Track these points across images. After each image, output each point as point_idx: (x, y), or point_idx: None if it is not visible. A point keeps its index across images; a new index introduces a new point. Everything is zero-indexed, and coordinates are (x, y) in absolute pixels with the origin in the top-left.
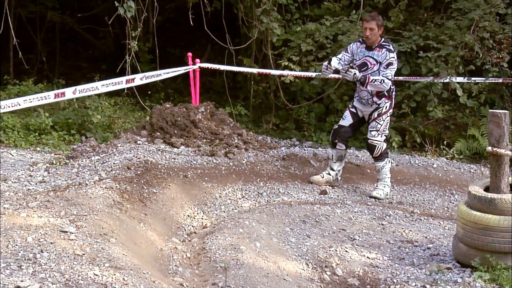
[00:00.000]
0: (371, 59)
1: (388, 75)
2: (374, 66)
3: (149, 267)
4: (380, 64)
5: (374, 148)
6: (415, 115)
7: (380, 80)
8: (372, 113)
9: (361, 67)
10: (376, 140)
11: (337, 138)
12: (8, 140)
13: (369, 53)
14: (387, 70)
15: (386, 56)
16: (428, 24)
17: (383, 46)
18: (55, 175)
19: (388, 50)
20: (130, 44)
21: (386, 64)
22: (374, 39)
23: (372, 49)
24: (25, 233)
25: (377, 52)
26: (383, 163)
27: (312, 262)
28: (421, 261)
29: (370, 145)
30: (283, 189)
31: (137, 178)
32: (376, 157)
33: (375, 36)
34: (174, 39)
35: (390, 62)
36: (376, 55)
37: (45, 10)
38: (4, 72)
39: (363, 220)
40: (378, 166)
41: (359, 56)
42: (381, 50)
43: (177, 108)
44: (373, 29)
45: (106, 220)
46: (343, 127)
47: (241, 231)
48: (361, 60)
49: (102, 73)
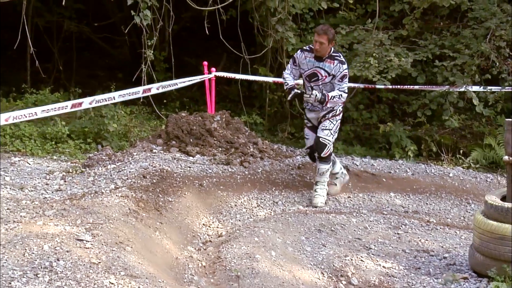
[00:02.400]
0: (322, 71)
1: (345, 89)
2: (325, 78)
3: (165, 276)
4: (333, 76)
5: (325, 147)
6: (431, 124)
7: (338, 95)
8: (325, 115)
9: (311, 78)
10: (328, 140)
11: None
12: (25, 148)
13: (319, 63)
14: (342, 83)
15: (339, 69)
16: (444, 33)
17: (334, 57)
18: (71, 184)
19: (340, 62)
20: (146, 53)
21: (341, 77)
22: (324, 53)
23: (322, 60)
24: (41, 241)
25: (328, 64)
26: (327, 167)
27: (327, 271)
28: (437, 270)
29: (321, 143)
30: (299, 198)
31: (153, 187)
32: (323, 158)
33: (325, 50)
34: (189, 48)
35: (345, 75)
36: (327, 67)
37: (62, 19)
38: (22, 81)
39: (378, 229)
40: (322, 168)
41: (308, 66)
42: (332, 62)
43: (192, 117)
44: (323, 43)
45: (122, 228)
46: (312, 147)
47: (256, 240)
48: (310, 71)
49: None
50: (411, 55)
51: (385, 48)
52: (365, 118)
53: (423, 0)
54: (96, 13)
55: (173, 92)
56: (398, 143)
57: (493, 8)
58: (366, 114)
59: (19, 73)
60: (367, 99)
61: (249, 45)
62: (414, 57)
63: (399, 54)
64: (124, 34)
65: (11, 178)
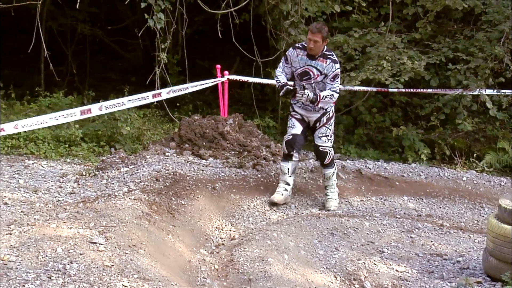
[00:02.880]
0: (314, 69)
1: (336, 88)
2: (317, 76)
3: (177, 279)
4: (325, 76)
5: (326, 154)
6: (444, 128)
7: (330, 95)
8: (320, 119)
9: (302, 76)
10: (328, 147)
11: (294, 148)
12: (38, 151)
13: (311, 62)
14: (334, 83)
15: (331, 68)
16: (458, 36)
17: (327, 56)
18: (84, 187)
19: (333, 61)
20: (159, 56)
21: (333, 77)
22: (317, 51)
23: (315, 58)
24: (55, 244)
25: (320, 63)
26: (332, 170)
27: (340, 275)
28: (450, 274)
29: (322, 152)
30: (311, 201)
31: (166, 190)
32: (326, 164)
33: (319, 48)
34: (203, 51)
35: (337, 74)
36: (320, 66)
37: (76, 22)
38: (35, 84)
39: (391, 232)
40: (327, 173)
41: (300, 64)
42: (325, 60)
43: (205, 120)
44: (317, 41)
45: (135, 231)
46: (297, 135)
47: (269, 243)
48: (302, 69)
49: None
50: (424, 58)
51: (398, 51)
52: (378, 122)
53: (436, 3)
54: (109, 16)
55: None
56: (411, 147)
57: (507, 11)
58: (379, 118)
59: (32, 76)
60: (380, 102)
61: (262, 48)
62: (427, 60)
63: (412, 57)
64: (138, 37)
65: (25, 181)
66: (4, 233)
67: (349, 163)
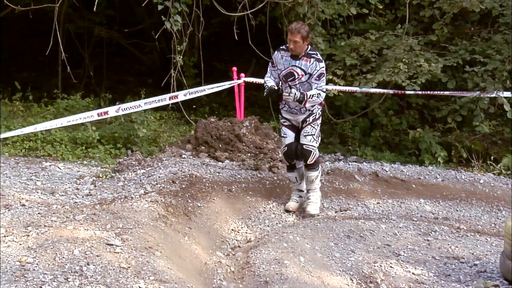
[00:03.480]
0: (298, 69)
1: (323, 87)
2: (302, 76)
3: (194, 281)
4: (310, 75)
5: (310, 153)
6: (461, 130)
7: (316, 94)
8: (305, 119)
9: (287, 77)
10: (312, 146)
11: (293, 158)
12: (55, 153)
13: (295, 62)
14: (320, 81)
15: (316, 67)
16: (475, 38)
17: (310, 55)
18: (101, 189)
19: (317, 60)
20: (176, 58)
21: (318, 76)
22: (299, 51)
23: (298, 58)
24: (71, 245)
25: (304, 62)
26: (316, 173)
27: (356, 278)
28: (467, 278)
29: (306, 150)
30: (327, 204)
31: (182, 192)
32: (310, 165)
33: (300, 48)
34: (219, 54)
35: (322, 73)
36: (304, 65)
37: (93, 25)
38: (53, 86)
39: (408, 235)
40: (311, 176)
41: (284, 66)
42: (309, 60)
43: (221, 122)
44: (297, 42)
45: (151, 233)
46: (291, 144)
47: (285, 245)
48: (286, 70)
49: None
50: (441, 60)
51: (415, 53)
52: (394, 124)
53: (453, 5)
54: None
55: (202, 97)
56: (428, 149)
57: None
58: (395, 120)
59: (50, 78)
60: (396, 104)
61: None
62: (444, 62)
63: (429, 60)
64: (154, 40)
65: (42, 182)
66: (21, 234)
67: (366, 165)
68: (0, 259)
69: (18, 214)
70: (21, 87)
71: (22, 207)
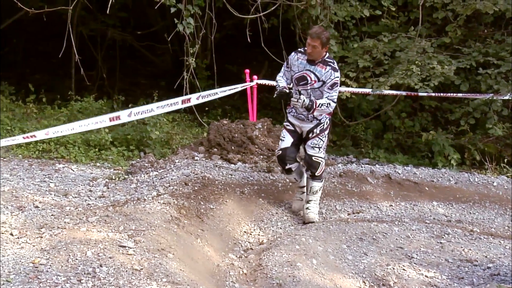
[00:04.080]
0: (312, 75)
1: (334, 98)
2: (314, 82)
3: (206, 283)
4: (323, 83)
5: (318, 165)
6: (475, 133)
7: (326, 104)
8: (313, 129)
9: (299, 81)
10: (320, 157)
11: (286, 162)
12: (69, 155)
13: (310, 67)
14: (332, 91)
15: (330, 76)
16: (488, 41)
17: (327, 63)
18: (114, 190)
19: (332, 69)
20: (188, 60)
21: (331, 85)
22: (316, 56)
23: (314, 63)
24: (84, 247)
25: (319, 69)
26: (321, 184)
27: (369, 280)
28: (480, 280)
29: (315, 162)
30: (340, 206)
31: (195, 194)
32: (317, 176)
33: (318, 54)
34: (231, 56)
35: (335, 83)
36: (318, 72)
37: (106, 28)
38: (66, 88)
39: (421, 238)
40: (315, 186)
41: (298, 68)
42: (325, 67)
43: (234, 124)
44: (316, 47)
45: (164, 235)
46: (286, 149)
47: (297, 247)
48: (300, 73)
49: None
50: (454, 62)
51: (428, 55)
52: (407, 126)
53: (466, 7)
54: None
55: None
56: (441, 152)
57: None
58: (408, 122)
59: (63, 80)
60: (409, 107)
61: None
62: (457, 64)
63: (442, 62)
64: (167, 42)
65: (55, 184)
66: (35, 236)
67: (378, 168)
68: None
69: (31, 215)
70: (34, 89)
71: (36, 208)
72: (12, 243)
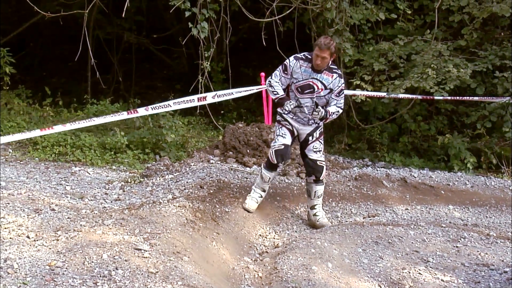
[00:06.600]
0: (318, 83)
1: (342, 104)
2: (321, 91)
3: (221, 286)
4: (330, 90)
5: (322, 169)
6: (491, 136)
7: (336, 112)
8: (312, 133)
9: (303, 89)
10: (323, 161)
11: (284, 159)
12: (85, 158)
13: (316, 75)
14: (340, 98)
15: (338, 83)
16: (505, 44)
17: (333, 70)
18: (129, 193)
19: (339, 76)
20: (203, 64)
21: (338, 92)
22: (324, 66)
23: (320, 71)
24: (100, 250)
25: (326, 77)
26: (323, 187)
27: (384, 284)
28: (497, 285)
29: (319, 166)
30: (355, 210)
31: (210, 197)
32: (320, 180)
33: (326, 64)
34: (247, 59)
35: (342, 89)
36: (325, 80)
37: (122, 31)
38: (82, 92)
39: (437, 242)
40: (319, 190)
41: (303, 76)
42: (331, 75)
43: (249, 127)
44: (326, 58)
45: (179, 238)
46: (288, 146)
47: (313, 251)
48: (305, 81)
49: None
50: (470, 66)
51: (443, 59)
52: (423, 130)
53: (483, 10)
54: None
55: (230, 103)
56: (457, 155)
57: None
58: (424, 126)
59: (80, 84)
60: (425, 110)
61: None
62: (473, 68)
63: (458, 65)
64: (182, 46)
65: (71, 187)
66: (51, 239)
67: (394, 171)
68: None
69: (48, 218)
70: (51, 93)
71: (52, 211)
72: (28, 246)
